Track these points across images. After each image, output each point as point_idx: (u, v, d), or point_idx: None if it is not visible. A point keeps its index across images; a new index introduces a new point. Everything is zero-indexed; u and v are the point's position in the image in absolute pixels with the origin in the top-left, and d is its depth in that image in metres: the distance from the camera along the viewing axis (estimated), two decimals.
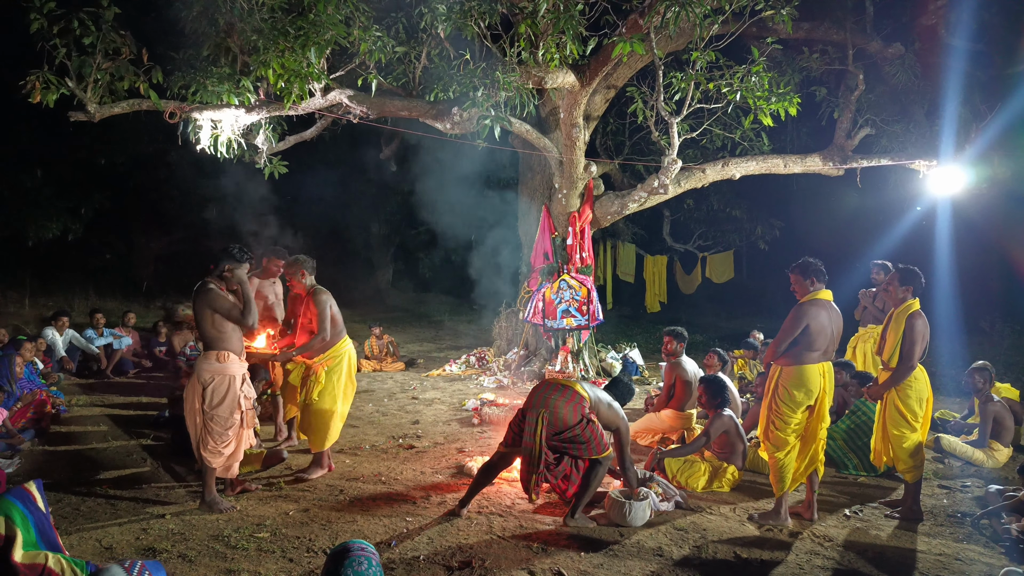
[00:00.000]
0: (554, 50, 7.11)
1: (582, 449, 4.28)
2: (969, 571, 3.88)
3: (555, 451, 4.33)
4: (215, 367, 4.36)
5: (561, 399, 4.25)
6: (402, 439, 6.41)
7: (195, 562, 3.69)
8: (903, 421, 4.63)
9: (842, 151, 9.72)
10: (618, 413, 4.49)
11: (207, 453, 4.39)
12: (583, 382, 4.45)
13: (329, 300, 5.18)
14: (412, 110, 8.13)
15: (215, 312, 4.34)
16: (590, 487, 4.33)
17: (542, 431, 4.19)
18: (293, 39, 6.38)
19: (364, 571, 2.08)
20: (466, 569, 3.69)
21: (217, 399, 4.36)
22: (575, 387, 4.33)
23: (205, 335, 4.39)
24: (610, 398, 4.54)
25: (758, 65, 7.24)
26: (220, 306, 4.35)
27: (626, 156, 11.77)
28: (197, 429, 4.40)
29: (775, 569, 3.85)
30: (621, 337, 12.91)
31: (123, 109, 6.88)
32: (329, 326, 5.12)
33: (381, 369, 10.39)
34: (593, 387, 4.50)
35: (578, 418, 4.22)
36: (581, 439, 4.23)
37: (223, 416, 4.38)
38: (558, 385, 4.35)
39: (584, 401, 4.29)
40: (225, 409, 4.39)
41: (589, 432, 4.24)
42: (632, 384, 4.92)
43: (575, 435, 4.23)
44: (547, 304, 9.51)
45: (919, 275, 4.73)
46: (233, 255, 4.45)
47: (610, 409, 4.46)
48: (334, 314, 5.19)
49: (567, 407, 4.23)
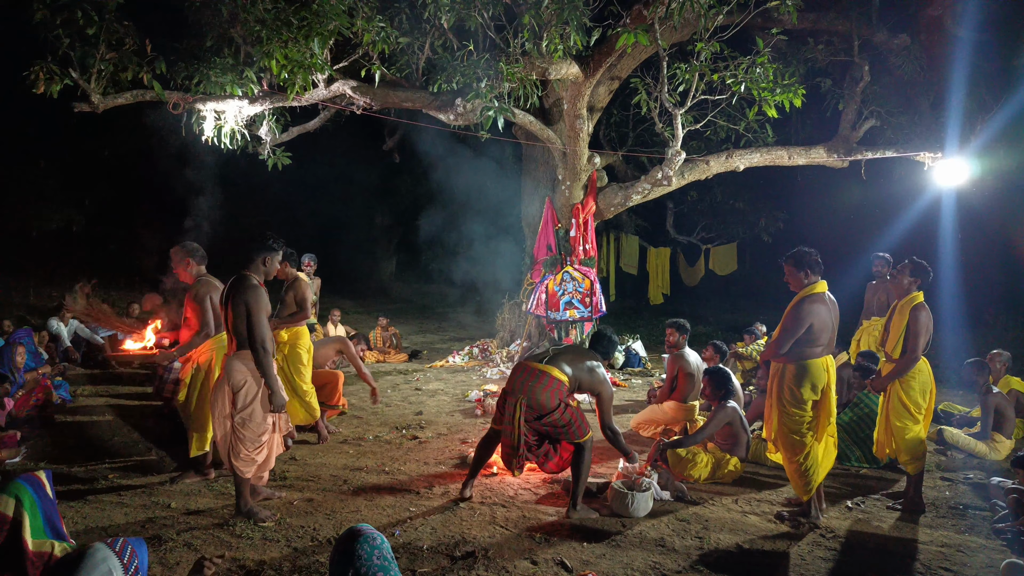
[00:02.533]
0: (558, 41, 7.09)
1: (562, 432, 4.31)
2: (971, 563, 3.89)
3: (537, 434, 4.39)
4: (251, 367, 4.02)
5: (539, 385, 4.24)
6: (406, 430, 6.44)
7: (200, 550, 3.72)
8: (906, 413, 4.63)
9: (847, 143, 9.68)
10: (601, 378, 4.44)
11: (239, 462, 4.05)
12: (560, 363, 4.35)
13: (211, 292, 4.72)
14: (415, 101, 8.12)
15: (258, 309, 4.00)
16: (581, 476, 4.34)
17: (520, 416, 4.24)
18: (296, 29, 6.37)
19: (379, 545, 2.09)
20: (469, 559, 3.71)
21: (249, 402, 4.03)
22: (552, 371, 4.27)
23: (239, 333, 4.02)
24: (592, 364, 4.45)
25: (763, 56, 7.21)
26: (263, 304, 4.02)
27: (630, 148, 11.74)
28: (227, 436, 4.09)
29: (777, 560, 3.87)
30: (624, 329, 12.90)
31: (126, 100, 6.89)
32: (211, 320, 4.69)
33: (385, 360, 10.42)
34: (572, 362, 4.38)
35: (556, 403, 4.23)
36: (561, 422, 4.26)
37: (257, 421, 4.05)
38: (535, 370, 4.30)
39: (562, 385, 4.27)
40: (259, 413, 4.06)
41: (568, 416, 4.27)
42: (614, 336, 4.81)
43: (554, 419, 4.26)
44: (550, 296, 9.52)
45: (929, 271, 4.70)
46: (271, 246, 4.19)
47: (592, 374, 4.41)
48: (216, 306, 4.68)
49: (545, 392, 4.22)
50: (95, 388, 7.71)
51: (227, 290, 4.12)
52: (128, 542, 2.74)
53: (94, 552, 2.59)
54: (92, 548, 2.60)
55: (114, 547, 2.66)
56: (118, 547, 2.67)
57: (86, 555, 2.58)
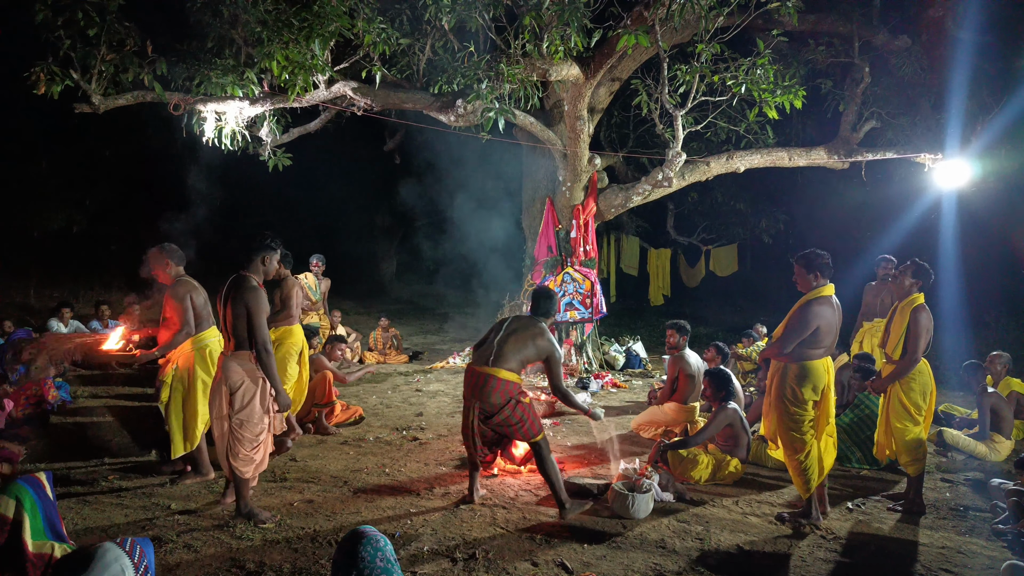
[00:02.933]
0: (558, 42, 7.09)
1: (516, 430, 4.28)
2: (971, 564, 3.88)
3: (494, 434, 4.41)
4: (248, 368, 4.04)
5: (487, 388, 4.22)
6: (406, 431, 6.44)
7: (201, 552, 3.72)
8: (906, 414, 4.63)
9: (847, 144, 9.69)
10: (546, 345, 4.31)
11: (238, 462, 4.06)
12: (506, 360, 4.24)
13: (190, 291, 4.76)
14: (416, 102, 8.12)
15: (258, 311, 4.01)
16: (551, 475, 4.30)
17: (475, 420, 4.31)
18: (297, 31, 6.38)
19: (382, 547, 2.10)
20: (470, 560, 3.71)
21: (247, 402, 4.04)
22: (499, 374, 4.22)
23: (238, 334, 4.03)
24: (535, 336, 4.32)
25: (763, 57, 7.22)
26: (263, 306, 4.04)
27: (630, 149, 11.74)
28: (224, 436, 4.10)
29: (778, 561, 3.87)
30: (624, 330, 12.90)
31: (127, 101, 6.89)
32: (192, 319, 4.72)
33: (385, 361, 10.41)
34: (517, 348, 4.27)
35: (506, 399, 4.22)
36: (513, 419, 4.24)
37: (254, 421, 4.06)
38: (482, 375, 4.26)
39: (510, 385, 4.23)
40: (256, 414, 4.08)
41: (520, 412, 4.25)
42: (551, 291, 4.62)
43: (506, 417, 4.24)
44: None
45: (930, 272, 4.70)
46: (269, 245, 4.20)
47: (537, 346, 4.30)
48: (197, 308, 4.77)
49: (495, 394, 4.21)
50: (95, 389, 7.69)
51: (226, 290, 4.12)
52: (136, 541, 2.75)
53: (105, 551, 2.59)
54: (102, 547, 2.60)
55: (124, 546, 2.67)
56: (128, 546, 2.68)
57: (96, 554, 2.58)
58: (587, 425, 6.90)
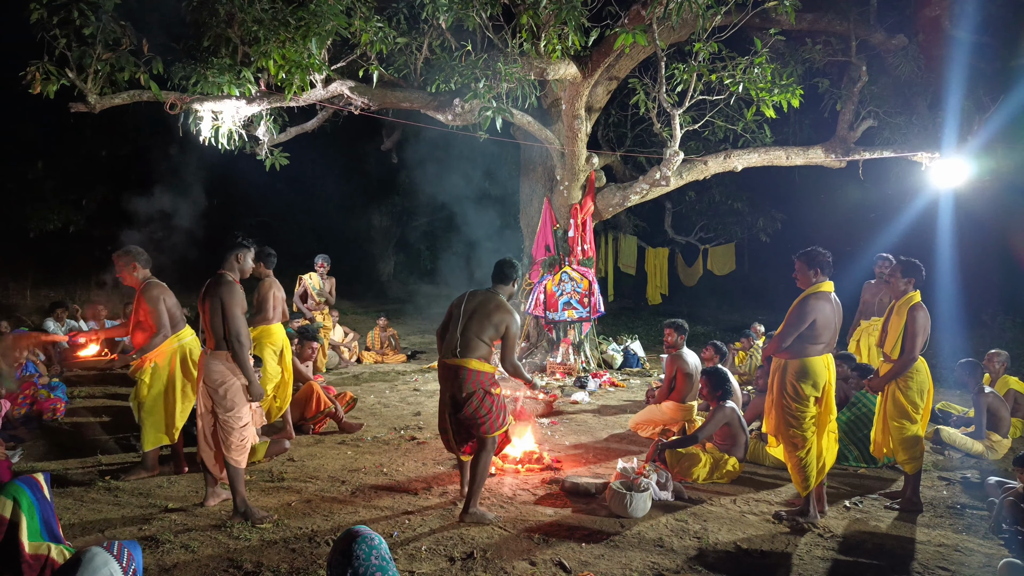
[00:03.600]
0: (556, 41, 7.09)
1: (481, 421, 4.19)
2: (968, 562, 3.89)
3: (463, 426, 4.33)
4: (229, 365, 4.16)
5: (459, 378, 4.18)
6: (404, 430, 6.43)
7: (198, 552, 3.71)
8: (904, 413, 4.64)
9: (844, 143, 9.70)
10: (505, 318, 4.23)
11: (232, 452, 4.17)
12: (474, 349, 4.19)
13: (163, 293, 4.83)
14: (413, 101, 8.11)
15: (231, 303, 4.12)
16: (479, 475, 4.21)
17: (447, 413, 4.31)
18: (294, 29, 6.36)
19: (376, 546, 2.12)
20: (468, 560, 3.71)
21: (230, 400, 4.16)
22: (469, 364, 4.18)
23: (216, 331, 4.14)
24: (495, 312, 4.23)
25: (761, 56, 7.22)
26: (236, 299, 4.15)
27: (628, 148, 11.74)
28: (208, 432, 4.23)
29: (775, 560, 3.87)
30: (622, 329, 12.92)
31: (123, 100, 6.87)
32: (167, 321, 4.80)
33: (383, 361, 10.40)
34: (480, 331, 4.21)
35: (474, 388, 4.17)
36: (481, 411, 4.17)
37: (239, 415, 4.20)
38: (454, 367, 4.22)
39: (482, 375, 4.18)
40: (240, 406, 4.21)
41: (489, 403, 4.19)
42: (513, 260, 4.51)
43: (475, 408, 4.17)
44: (548, 296, 9.52)
45: (921, 268, 4.72)
46: (241, 243, 4.35)
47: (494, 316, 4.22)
48: (170, 308, 4.85)
49: (467, 384, 4.17)
50: (91, 389, 7.69)
51: (204, 290, 4.26)
52: (124, 545, 2.75)
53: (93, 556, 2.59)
54: (90, 552, 2.60)
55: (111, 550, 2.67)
56: (115, 550, 2.68)
57: (84, 560, 2.58)
58: (585, 425, 6.90)
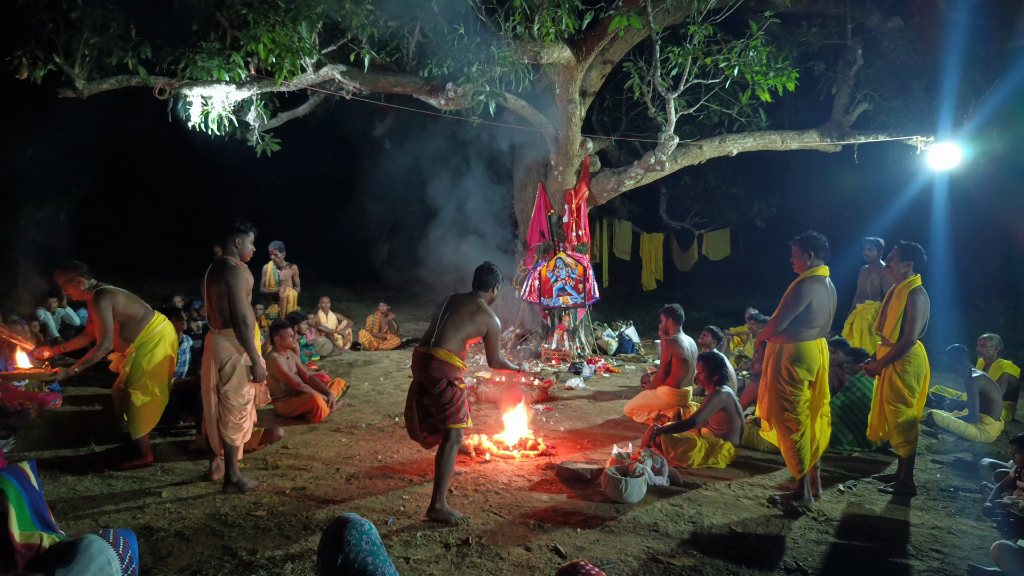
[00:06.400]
0: (550, 24, 7.01)
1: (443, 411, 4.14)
2: (961, 544, 3.91)
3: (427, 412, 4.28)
4: (235, 343, 4.36)
5: (428, 369, 4.15)
6: (398, 417, 6.42)
7: (192, 540, 3.70)
8: (900, 396, 4.65)
9: (840, 127, 9.66)
10: (485, 319, 4.27)
11: (228, 430, 4.39)
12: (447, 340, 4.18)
13: (112, 300, 4.78)
14: (406, 86, 8.03)
15: (237, 287, 4.30)
16: (443, 468, 4.12)
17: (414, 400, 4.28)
18: (284, 13, 6.28)
19: (367, 531, 2.13)
20: (463, 546, 3.71)
21: (236, 377, 4.38)
22: (438, 354, 4.15)
23: (222, 312, 4.34)
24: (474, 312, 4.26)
25: (756, 39, 7.16)
26: (241, 282, 4.33)
27: (623, 133, 11.68)
28: (213, 408, 4.40)
29: (770, 543, 3.88)
30: (617, 315, 12.91)
31: (112, 85, 6.79)
32: (111, 333, 4.76)
33: (379, 347, 10.38)
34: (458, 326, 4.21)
35: (438, 376, 4.13)
36: (442, 400, 4.13)
37: (241, 392, 4.42)
38: (425, 355, 4.19)
39: (448, 366, 4.15)
40: (244, 385, 4.44)
41: (451, 394, 4.14)
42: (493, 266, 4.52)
43: (436, 396, 4.13)
44: (543, 282, 9.50)
45: (920, 250, 4.71)
46: (239, 228, 4.49)
47: (476, 324, 4.24)
48: (123, 310, 4.82)
49: (433, 371, 4.14)
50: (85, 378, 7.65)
51: (208, 274, 4.42)
52: (119, 533, 2.74)
53: (90, 543, 2.57)
54: (86, 539, 2.59)
55: (108, 538, 2.65)
56: (111, 538, 2.67)
57: (80, 546, 2.56)
58: (580, 411, 6.90)
